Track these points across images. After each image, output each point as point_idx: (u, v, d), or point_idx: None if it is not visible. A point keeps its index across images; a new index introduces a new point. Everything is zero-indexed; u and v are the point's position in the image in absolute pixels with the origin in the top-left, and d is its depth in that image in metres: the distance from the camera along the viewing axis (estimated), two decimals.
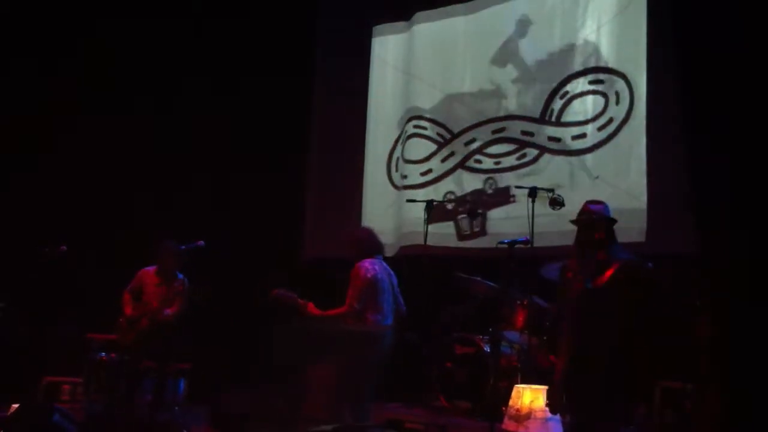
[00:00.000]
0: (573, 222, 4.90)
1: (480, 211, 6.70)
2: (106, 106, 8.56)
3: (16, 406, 5.38)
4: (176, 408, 6.64)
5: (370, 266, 5.64)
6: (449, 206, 7.79)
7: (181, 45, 8.86)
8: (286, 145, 8.94)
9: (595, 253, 4.73)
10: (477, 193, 7.91)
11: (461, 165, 8.19)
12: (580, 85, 7.52)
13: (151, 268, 6.87)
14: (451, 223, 7.84)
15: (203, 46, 8.91)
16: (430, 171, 8.38)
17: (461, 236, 7.86)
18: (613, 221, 4.87)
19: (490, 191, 7.89)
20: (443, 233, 7.81)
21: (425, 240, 6.79)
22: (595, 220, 4.80)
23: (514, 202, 7.46)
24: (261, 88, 8.86)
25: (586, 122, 7.45)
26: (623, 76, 7.25)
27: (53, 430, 5.03)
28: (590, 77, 7.47)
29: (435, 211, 7.10)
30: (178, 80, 8.83)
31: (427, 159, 8.41)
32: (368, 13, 9.10)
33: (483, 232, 7.74)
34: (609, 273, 4.63)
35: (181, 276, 6.81)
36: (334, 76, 9.25)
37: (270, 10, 8.91)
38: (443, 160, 8.33)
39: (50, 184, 8.45)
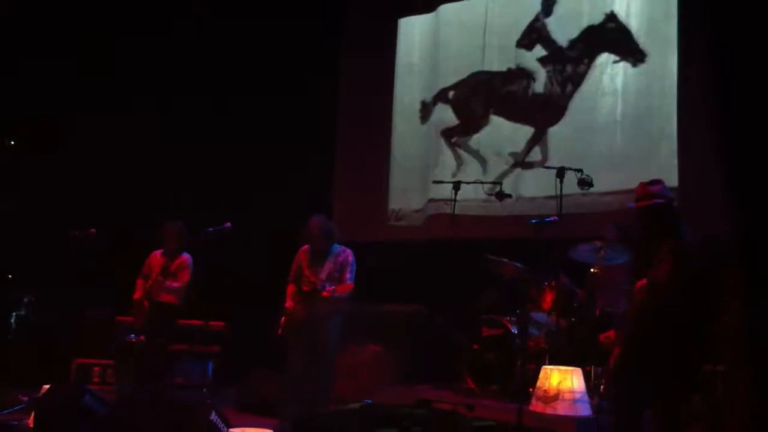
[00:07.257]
0: (636, 207, 4.47)
1: (507, 193, 6.65)
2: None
3: (47, 387, 5.46)
4: (204, 390, 6.68)
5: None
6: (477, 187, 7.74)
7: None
8: (312, 142, 9.02)
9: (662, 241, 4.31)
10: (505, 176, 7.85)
11: (489, 147, 8.16)
12: (610, 63, 7.43)
13: (159, 251, 6.91)
14: (478, 205, 7.77)
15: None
16: (460, 156, 8.35)
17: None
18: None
19: (517, 171, 7.87)
20: (471, 215, 7.75)
21: (452, 221, 6.75)
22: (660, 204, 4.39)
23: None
24: (286, 86, 8.86)
25: (615, 101, 7.36)
26: (653, 55, 7.15)
27: (84, 411, 5.08)
28: (620, 56, 7.37)
29: (462, 194, 7.04)
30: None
31: (456, 145, 8.39)
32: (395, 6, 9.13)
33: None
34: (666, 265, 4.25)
35: (186, 254, 6.82)
36: (360, 67, 9.24)
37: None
38: (471, 144, 8.31)
39: (82, 169, 8.57)
